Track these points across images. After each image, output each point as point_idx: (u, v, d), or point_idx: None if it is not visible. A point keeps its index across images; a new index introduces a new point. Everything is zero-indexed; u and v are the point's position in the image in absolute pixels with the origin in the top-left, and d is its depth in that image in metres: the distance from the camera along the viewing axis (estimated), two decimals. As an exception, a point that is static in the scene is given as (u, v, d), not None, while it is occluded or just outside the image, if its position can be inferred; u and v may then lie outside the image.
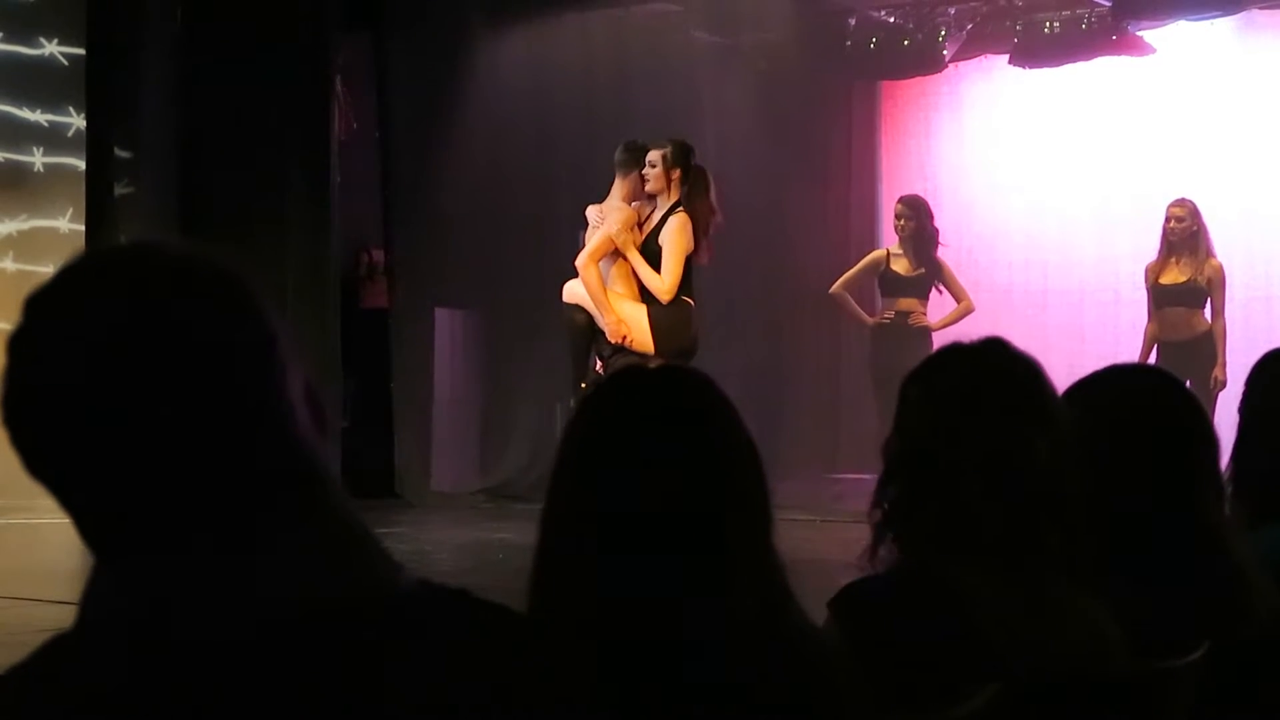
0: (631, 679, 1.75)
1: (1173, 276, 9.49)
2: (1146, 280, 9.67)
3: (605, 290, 8.10)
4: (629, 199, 8.26)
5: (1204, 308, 9.47)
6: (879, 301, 10.58)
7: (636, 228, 8.16)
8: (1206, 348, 9.35)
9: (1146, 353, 9.54)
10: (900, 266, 10.29)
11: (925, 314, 10.24)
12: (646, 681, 1.76)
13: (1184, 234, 9.44)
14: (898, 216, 10.39)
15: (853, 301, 10.54)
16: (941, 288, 10.35)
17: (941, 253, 10.45)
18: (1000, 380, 2.26)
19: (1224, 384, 9.15)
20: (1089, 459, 2.26)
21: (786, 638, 1.85)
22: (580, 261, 8.15)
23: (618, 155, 8.39)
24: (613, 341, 8.08)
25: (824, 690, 1.84)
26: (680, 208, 8.04)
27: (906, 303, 10.18)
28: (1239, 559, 2.47)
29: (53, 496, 1.23)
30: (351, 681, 1.19)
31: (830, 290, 10.61)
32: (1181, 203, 9.54)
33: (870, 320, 10.43)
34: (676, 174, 8.09)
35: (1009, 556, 2.18)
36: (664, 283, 7.96)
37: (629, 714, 1.74)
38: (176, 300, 1.23)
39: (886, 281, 10.36)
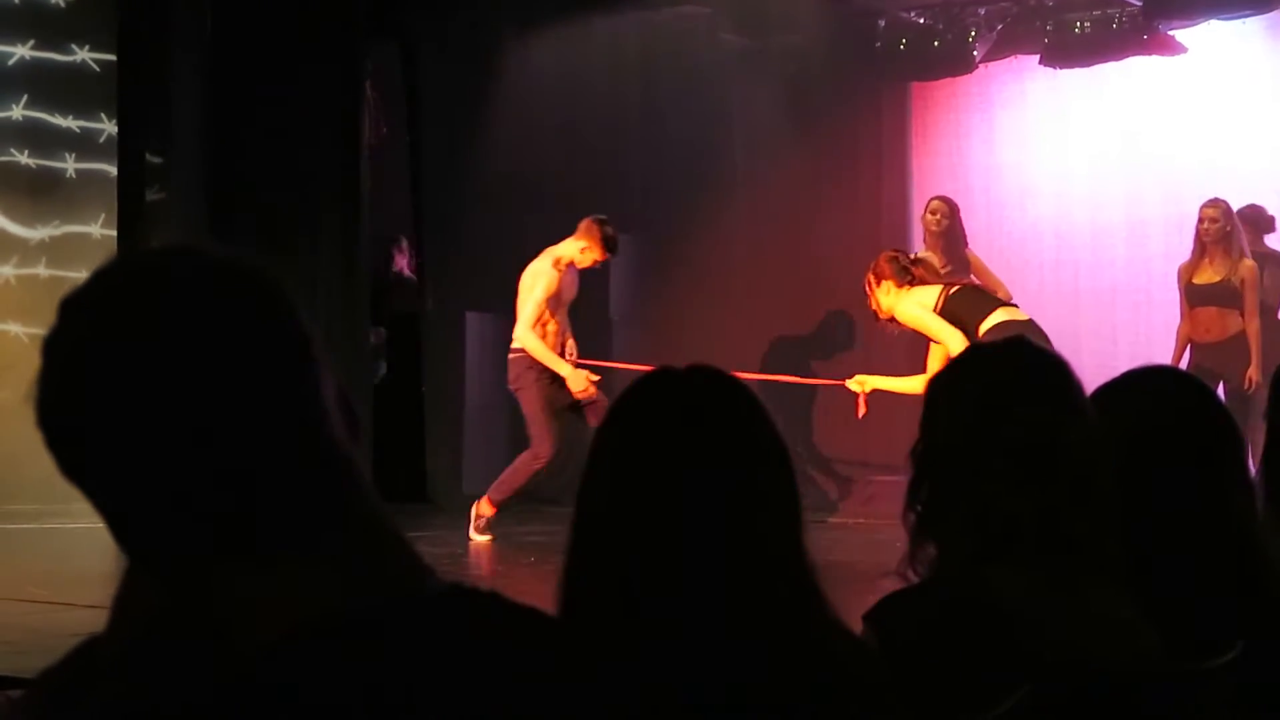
0: (663, 680, 1.75)
1: (1206, 276, 9.45)
2: (1179, 280, 9.63)
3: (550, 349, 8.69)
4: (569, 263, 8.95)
5: (1238, 308, 9.42)
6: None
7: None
8: (1240, 348, 9.29)
9: (1180, 353, 9.49)
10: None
11: None
12: (678, 683, 1.76)
13: (1218, 234, 9.39)
14: (933, 212, 10.34)
15: None
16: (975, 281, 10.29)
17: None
18: (1026, 375, 2.26)
19: (1259, 384, 9.09)
20: (1118, 459, 2.26)
21: (818, 639, 1.84)
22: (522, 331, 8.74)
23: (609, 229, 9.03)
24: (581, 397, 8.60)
25: (856, 691, 1.84)
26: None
27: None
28: (1271, 558, 2.46)
29: (87, 499, 1.23)
30: (385, 685, 1.19)
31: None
32: (1215, 203, 9.49)
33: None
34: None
35: (1043, 555, 2.17)
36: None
37: (660, 715, 1.74)
38: (211, 303, 1.23)
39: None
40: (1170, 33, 11.18)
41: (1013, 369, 2.27)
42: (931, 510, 2.25)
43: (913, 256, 10.46)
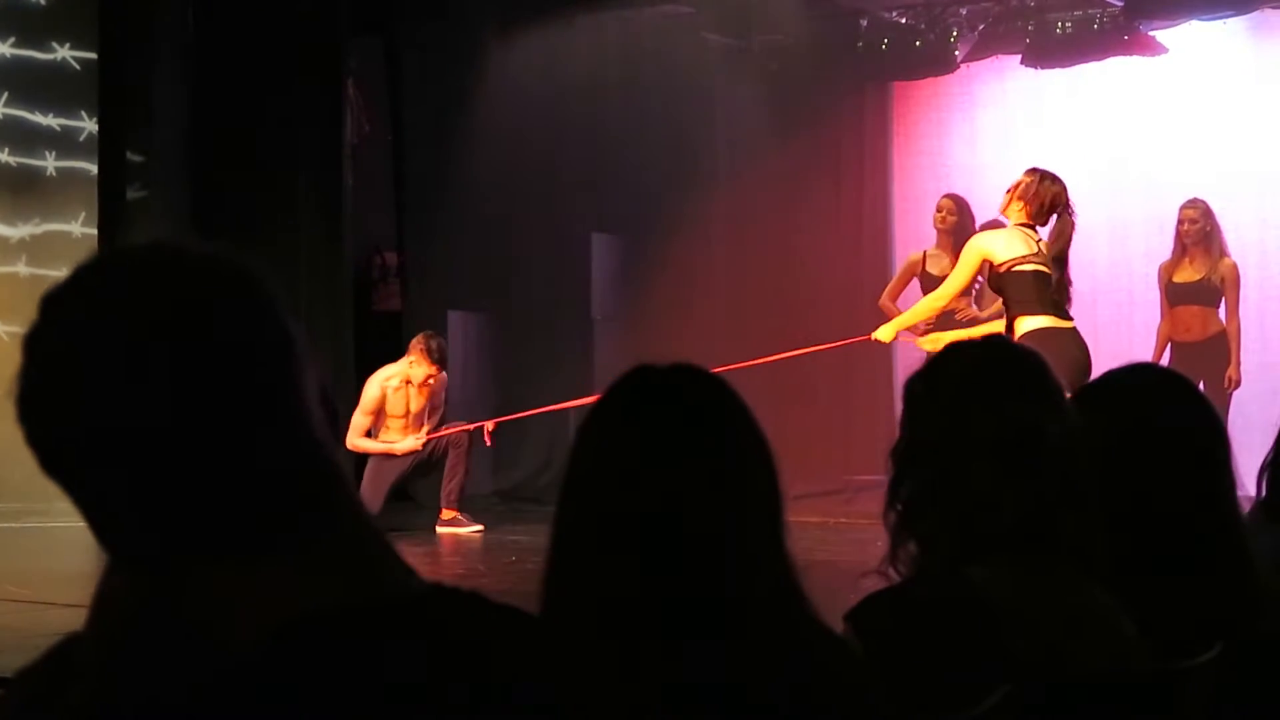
0: (643, 681, 1.75)
1: (1186, 275, 9.48)
2: (1160, 280, 9.66)
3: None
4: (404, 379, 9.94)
5: (1218, 307, 9.45)
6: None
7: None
8: (1220, 347, 9.32)
9: (1160, 352, 9.53)
10: (937, 267, 10.18)
11: (970, 308, 10.10)
12: (658, 683, 1.76)
13: (1198, 234, 9.43)
14: (939, 210, 10.34)
15: (898, 312, 10.38)
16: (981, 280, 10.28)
17: None
18: (1005, 368, 2.27)
19: (1238, 383, 9.12)
20: (1100, 458, 2.26)
21: (799, 640, 1.84)
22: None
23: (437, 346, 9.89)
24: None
25: (837, 691, 1.84)
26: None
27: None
28: (1254, 557, 2.46)
29: (67, 496, 1.23)
30: (364, 686, 1.19)
31: (879, 303, 10.48)
32: (1194, 203, 9.53)
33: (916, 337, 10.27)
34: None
35: (1026, 550, 2.18)
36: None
37: (639, 715, 1.74)
38: (193, 300, 1.23)
39: (927, 283, 10.23)
40: (1151, 33, 11.20)
41: (992, 366, 2.28)
42: (912, 509, 2.25)
43: (926, 253, 10.47)
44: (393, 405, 9.87)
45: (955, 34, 11.66)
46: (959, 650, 2.09)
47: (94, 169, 10.54)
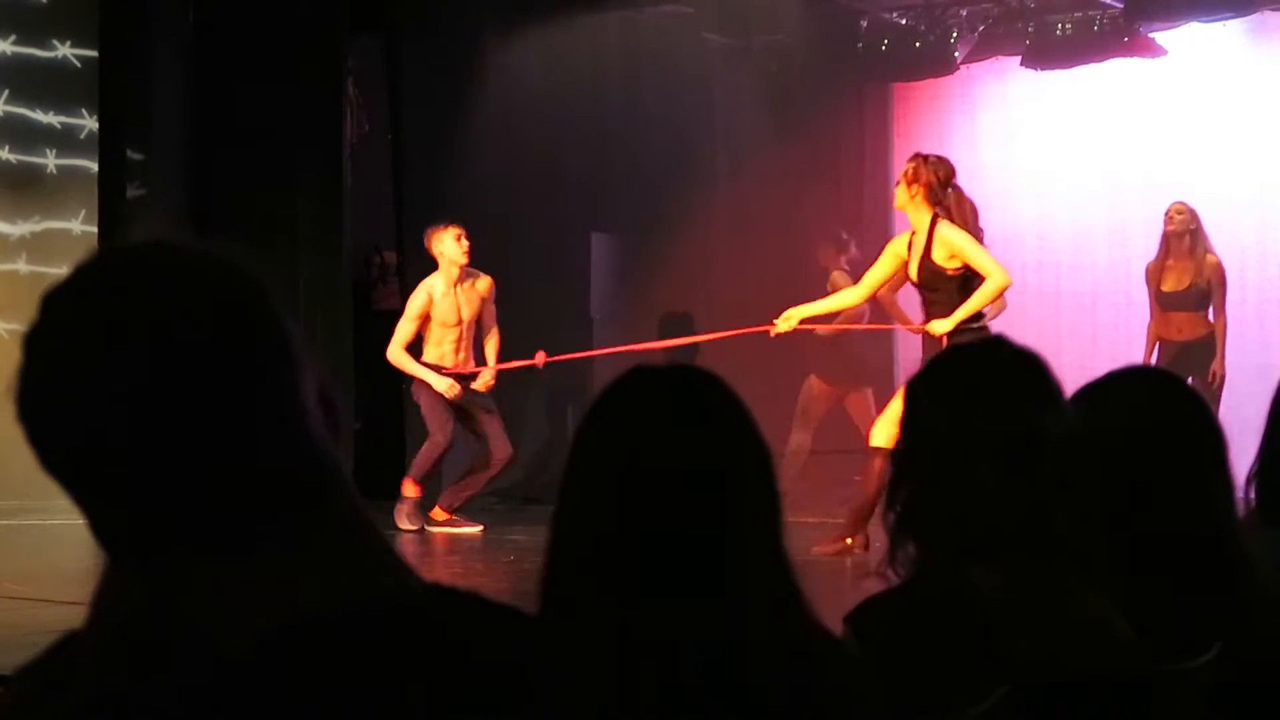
0: (641, 681, 1.75)
1: (1174, 282, 9.57)
2: (1149, 281, 9.72)
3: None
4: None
5: (1208, 310, 9.52)
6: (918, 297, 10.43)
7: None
8: (1209, 346, 9.42)
9: (1150, 352, 9.60)
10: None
11: None
12: (657, 683, 1.76)
13: (1183, 235, 9.53)
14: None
15: (900, 308, 10.37)
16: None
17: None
18: (1005, 369, 2.27)
19: (1223, 378, 9.22)
20: (1098, 459, 2.26)
21: (797, 639, 1.84)
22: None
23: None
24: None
25: (837, 692, 1.84)
26: None
27: None
28: (1251, 559, 2.46)
29: (66, 493, 1.23)
30: (362, 686, 1.19)
31: (878, 296, 10.42)
32: (1180, 205, 9.64)
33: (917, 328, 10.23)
34: None
35: (1025, 551, 2.18)
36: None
37: (638, 715, 1.74)
38: (191, 298, 1.23)
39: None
40: (1151, 35, 11.22)
41: (992, 367, 2.28)
42: (911, 509, 2.25)
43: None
44: (442, 312, 9.55)
45: (955, 35, 11.67)
46: (958, 651, 2.10)
47: (94, 167, 10.54)
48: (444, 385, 9.44)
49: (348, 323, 10.77)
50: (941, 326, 7.80)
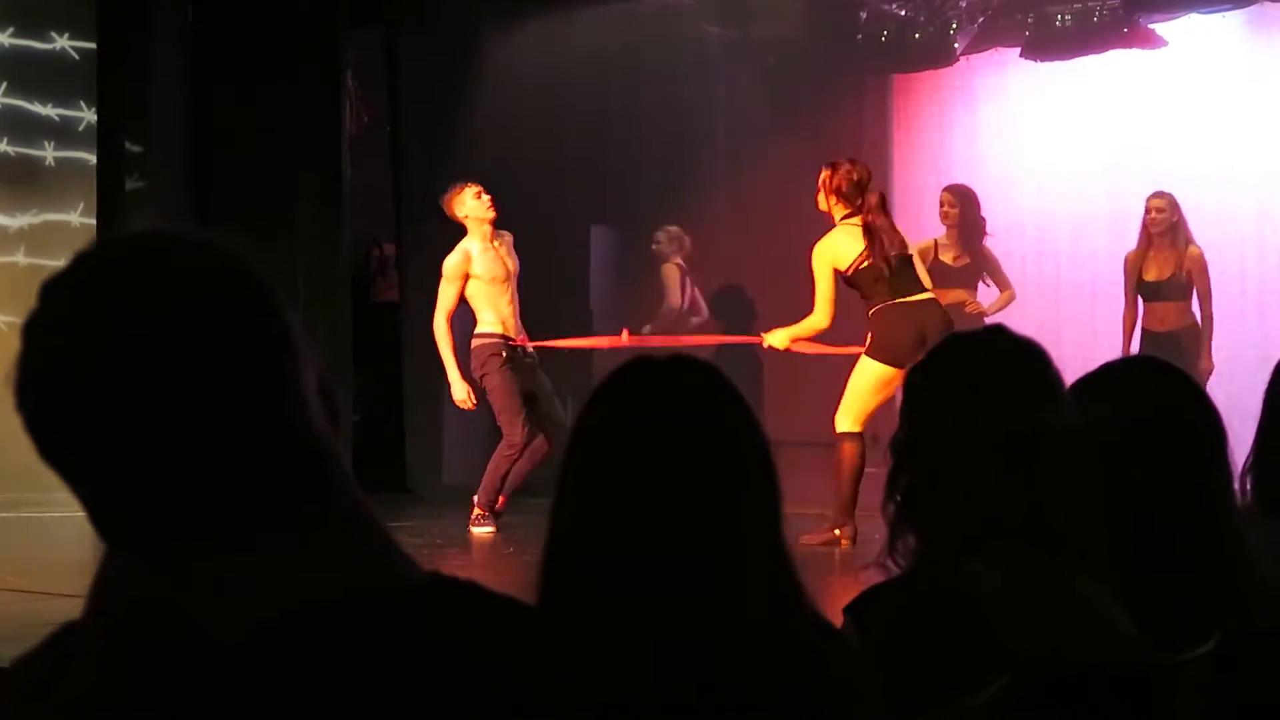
0: (639, 673, 1.75)
1: (1155, 272, 9.54)
2: (1126, 271, 9.67)
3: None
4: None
5: (1190, 300, 9.49)
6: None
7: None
8: (1193, 336, 9.38)
9: (1128, 342, 9.55)
10: (948, 257, 10.22)
11: (977, 302, 10.13)
12: (655, 676, 1.76)
13: (1164, 225, 9.52)
14: (940, 204, 10.35)
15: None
16: (989, 280, 10.29)
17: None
18: (1005, 359, 2.27)
19: (1211, 369, 9.18)
20: (1098, 451, 2.26)
21: (797, 631, 1.84)
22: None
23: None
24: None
25: (836, 683, 1.84)
26: None
27: (956, 294, 9.96)
28: (1250, 550, 2.46)
29: (65, 485, 1.23)
30: (362, 675, 1.19)
31: None
32: (1161, 194, 9.62)
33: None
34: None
35: (1024, 546, 2.17)
36: None
37: (636, 709, 1.74)
38: (191, 288, 1.23)
39: (936, 273, 10.19)
40: (1151, 26, 11.20)
41: (992, 357, 2.28)
42: (911, 501, 2.25)
43: (936, 241, 10.38)
44: (487, 268, 8.93)
45: (955, 26, 11.65)
46: (958, 643, 2.09)
47: (93, 159, 10.53)
48: (461, 394, 8.91)
49: (347, 315, 10.76)
50: (774, 340, 8.49)
